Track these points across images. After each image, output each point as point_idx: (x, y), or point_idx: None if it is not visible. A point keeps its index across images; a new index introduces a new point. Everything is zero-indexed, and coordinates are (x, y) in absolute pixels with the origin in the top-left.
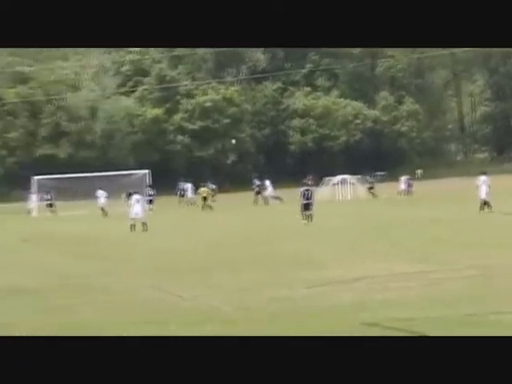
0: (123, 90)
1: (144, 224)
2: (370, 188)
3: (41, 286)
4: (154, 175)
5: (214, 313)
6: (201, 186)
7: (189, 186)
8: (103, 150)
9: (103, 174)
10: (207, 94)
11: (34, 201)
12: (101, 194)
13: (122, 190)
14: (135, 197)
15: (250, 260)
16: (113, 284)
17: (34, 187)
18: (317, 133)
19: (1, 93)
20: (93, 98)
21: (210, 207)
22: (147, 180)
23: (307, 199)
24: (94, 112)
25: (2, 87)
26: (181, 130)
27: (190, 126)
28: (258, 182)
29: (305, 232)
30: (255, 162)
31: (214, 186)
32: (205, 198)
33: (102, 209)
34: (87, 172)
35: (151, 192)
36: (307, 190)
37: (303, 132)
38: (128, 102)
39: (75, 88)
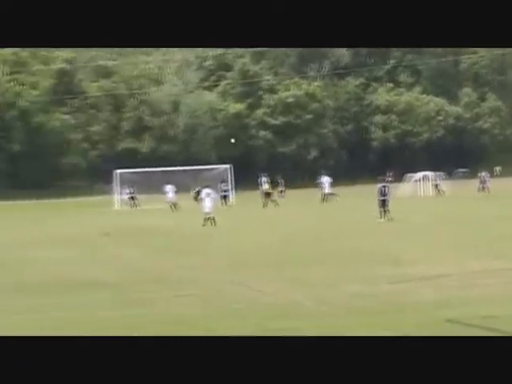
0: (206, 84)
1: (213, 218)
2: (436, 185)
3: (119, 279)
4: (235, 170)
5: (295, 308)
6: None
7: (265, 179)
8: (185, 144)
9: (185, 169)
10: (289, 90)
11: (116, 194)
12: (169, 188)
13: (204, 184)
14: (205, 191)
15: (328, 255)
16: (192, 278)
17: (116, 181)
18: (399, 129)
19: (84, 86)
20: (175, 93)
21: (275, 202)
22: (229, 175)
23: (384, 195)
24: (176, 106)
25: (85, 81)
26: (263, 125)
27: (272, 121)
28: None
29: (385, 228)
30: (337, 158)
31: (281, 181)
32: (268, 194)
33: (171, 204)
34: (169, 166)
35: (225, 187)
36: (384, 187)
37: (385, 128)
38: (211, 97)
39: (158, 82)
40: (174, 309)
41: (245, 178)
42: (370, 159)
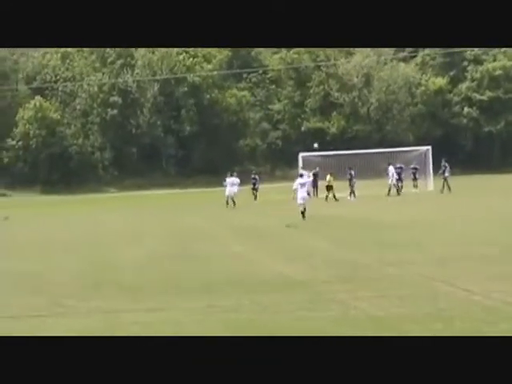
0: (402, 55)
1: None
2: None
3: (310, 277)
4: (435, 152)
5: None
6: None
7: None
8: (378, 123)
9: (378, 151)
10: (497, 60)
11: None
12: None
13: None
14: (299, 181)
15: None
16: (389, 276)
17: (300, 165)
18: None
19: (263, 59)
20: (367, 65)
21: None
22: (430, 157)
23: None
24: (368, 80)
25: (264, 53)
26: (467, 101)
27: (478, 97)
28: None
29: None
30: None
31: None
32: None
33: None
34: (360, 148)
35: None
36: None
37: None
38: (407, 70)
39: (348, 53)
40: (369, 310)
41: (447, 161)
42: None
